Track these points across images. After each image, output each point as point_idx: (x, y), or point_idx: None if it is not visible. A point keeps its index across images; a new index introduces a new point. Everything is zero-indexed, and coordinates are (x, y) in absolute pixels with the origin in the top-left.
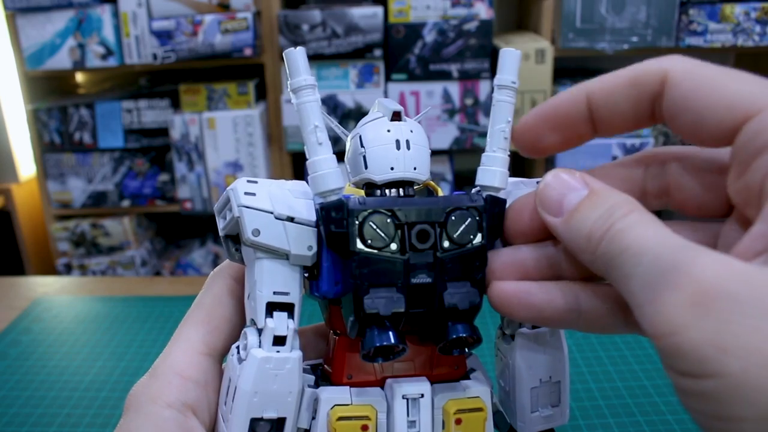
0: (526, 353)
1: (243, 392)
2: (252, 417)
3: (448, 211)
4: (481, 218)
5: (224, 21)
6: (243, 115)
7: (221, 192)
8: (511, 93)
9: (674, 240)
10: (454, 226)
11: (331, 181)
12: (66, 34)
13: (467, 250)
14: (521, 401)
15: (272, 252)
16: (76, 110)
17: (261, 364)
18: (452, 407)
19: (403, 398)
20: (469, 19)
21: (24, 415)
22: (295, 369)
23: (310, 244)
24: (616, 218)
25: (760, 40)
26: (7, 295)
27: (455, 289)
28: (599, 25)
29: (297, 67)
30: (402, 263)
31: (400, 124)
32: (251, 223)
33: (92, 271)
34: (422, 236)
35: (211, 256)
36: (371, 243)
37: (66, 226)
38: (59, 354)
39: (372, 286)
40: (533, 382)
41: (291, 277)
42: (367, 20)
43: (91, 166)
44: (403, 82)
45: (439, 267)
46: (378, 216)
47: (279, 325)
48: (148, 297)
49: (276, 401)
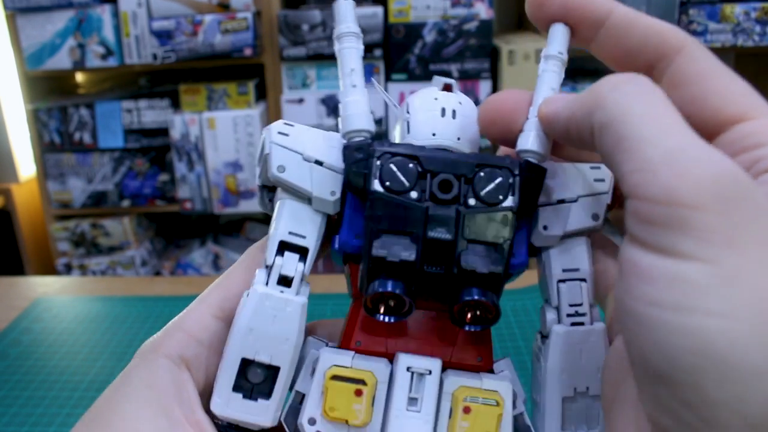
0: (559, 354)
1: (239, 327)
2: (244, 356)
3: (477, 166)
4: (514, 180)
5: (224, 21)
6: (243, 115)
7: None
8: (557, 63)
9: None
10: (482, 183)
11: (360, 122)
12: (66, 34)
13: (495, 209)
14: (551, 413)
15: (295, 193)
16: (76, 110)
17: (260, 299)
18: (462, 393)
19: (408, 370)
20: (469, 19)
21: (24, 415)
22: (296, 314)
23: (333, 190)
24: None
25: (760, 40)
26: (7, 295)
27: (476, 252)
28: None
29: (345, 16)
30: (420, 212)
31: (449, 95)
32: (278, 159)
33: (92, 271)
34: (445, 186)
35: (211, 256)
36: (390, 185)
37: (66, 226)
38: (59, 354)
39: (384, 231)
40: (566, 390)
41: (311, 221)
42: (367, 20)
43: (91, 166)
44: (403, 82)
45: (462, 224)
46: (401, 159)
47: (288, 264)
48: (148, 297)
49: (271, 345)
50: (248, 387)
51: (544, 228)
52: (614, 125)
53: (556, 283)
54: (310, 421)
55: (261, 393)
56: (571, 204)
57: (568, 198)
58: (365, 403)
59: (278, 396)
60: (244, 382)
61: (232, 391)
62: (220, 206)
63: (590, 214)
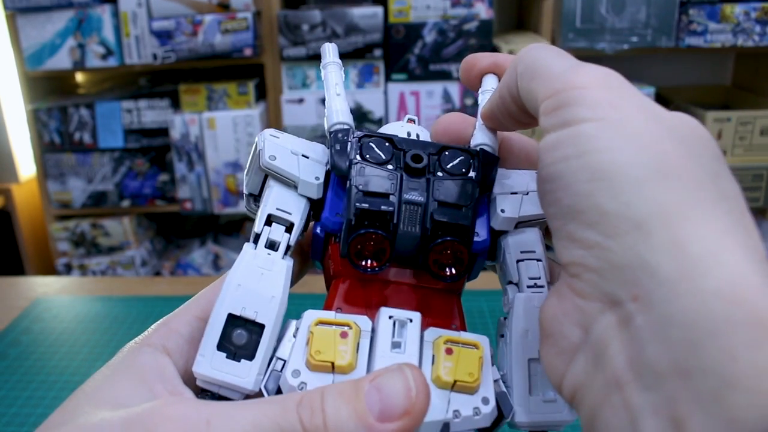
0: (522, 316)
1: (227, 284)
2: (231, 312)
3: (443, 148)
4: (474, 160)
5: (224, 21)
6: (243, 115)
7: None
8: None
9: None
10: (448, 159)
11: (342, 117)
12: (66, 34)
13: (460, 178)
14: (518, 375)
15: (283, 181)
16: (76, 110)
17: (249, 258)
18: (443, 339)
19: (390, 318)
20: (469, 19)
21: (24, 415)
22: (281, 274)
23: (317, 175)
24: None
25: (760, 40)
26: (7, 295)
27: (445, 211)
28: (599, 25)
29: (330, 53)
30: (397, 177)
31: (413, 125)
32: (270, 150)
33: (92, 271)
34: (416, 158)
35: (211, 256)
36: (369, 158)
37: (66, 226)
38: (59, 354)
39: (366, 194)
40: (531, 351)
41: (296, 202)
42: (367, 20)
43: (91, 166)
44: (403, 82)
45: (432, 188)
46: (377, 139)
47: (275, 232)
48: (148, 297)
49: (257, 302)
50: (232, 350)
51: (502, 211)
52: (530, 68)
53: (515, 262)
54: (293, 374)
55: (244, 355)
56: (523, 195)
57: (520, 191)
58: (351, 344)
59: (261, 357)
60: (228, 344)
61: (217, 350)
62: (220, 206)
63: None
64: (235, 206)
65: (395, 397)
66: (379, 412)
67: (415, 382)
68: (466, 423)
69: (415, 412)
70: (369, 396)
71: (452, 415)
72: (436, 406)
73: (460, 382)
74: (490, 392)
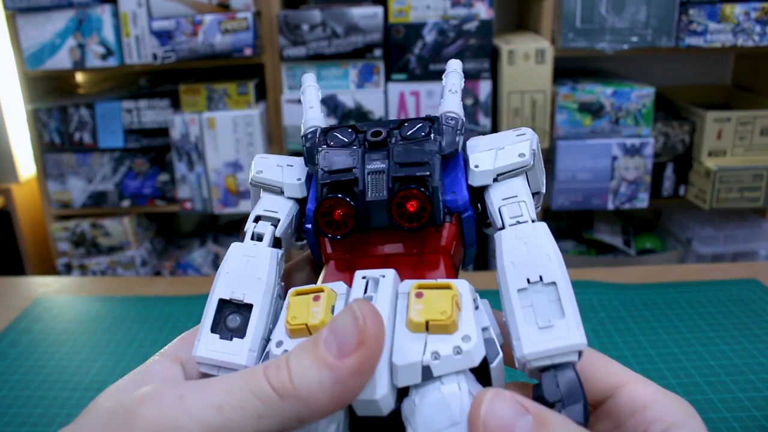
0: (506, 249)
1: (217, 274)
2: (221, 297)
3: (402, 121)
4: (434, 125)
5: (224, 21)
6: (243, 115)
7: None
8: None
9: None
10: (407, 129)
11: (314, 122)
12: (66, 34)
13: (418, 139)
14: (511, 309)
15: (271, 190)
16: (76, 110)
17: (236, 249)
18: (415, 286)
19: (363, 278)
20: (469, 19)
21: (24, 415)
22: (266, 258)
23: (299, 177)
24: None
25: (760, 40)
26: (7, 295)
27: (406, 169)
28: (599, 25)
29: (308, 80)
30: (359, 153)
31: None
32: (258, 166)
33: (92, 271)
34: (376, 133)
35: (211, 256)
36: (333, 144)
37: (66, 226)
38: (59, 354)
39: (331, 173)
40: (519, 281)
41: (284, 203)
42: (367, 20)
43: (91, 166)
44: (403, 82)
45: (391, 154)
46: (340, 128)
47: (261, 227)
48: (148, 297)
49: (245, 284)
50: (227, 333)
51: (476, 166)
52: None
53: (497, 209)
54: (277, 344)
55: (237, 335)
56: (497, 150)
57: (496, 147)
58: (323, 305)
59: (252, 333)
60: (222, 328)
61: (211, 332)
62: (220, 206)
63: (517, 153)
64: (235, 206)
65: (347, 331)
66: (336, 352)
67: (361, 312)
68: (448, 363)
69: (368, 339)
70: (327, 341)
71: (431, 357)
72: (411, 349)
73: (433, 322)
74: (472, 330)
